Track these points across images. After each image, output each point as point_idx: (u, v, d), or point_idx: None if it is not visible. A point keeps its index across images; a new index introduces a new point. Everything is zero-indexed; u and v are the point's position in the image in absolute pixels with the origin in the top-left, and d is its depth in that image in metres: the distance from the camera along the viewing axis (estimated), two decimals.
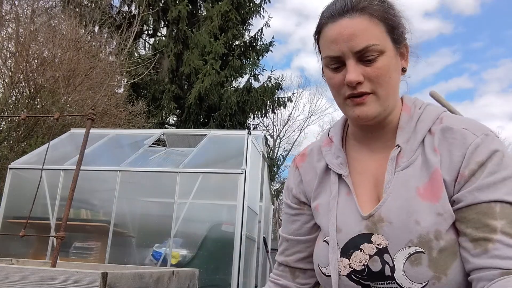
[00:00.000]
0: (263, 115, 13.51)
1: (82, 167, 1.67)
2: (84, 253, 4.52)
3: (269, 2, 13.71)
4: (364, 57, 0.83)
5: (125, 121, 9.07)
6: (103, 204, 4.83)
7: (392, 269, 0.82)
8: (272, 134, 21.66)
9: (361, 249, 0.86)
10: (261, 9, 13.47)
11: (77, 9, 9.81)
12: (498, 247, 0.74)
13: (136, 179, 4.80)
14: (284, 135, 22.49)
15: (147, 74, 10.25)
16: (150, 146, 5.44)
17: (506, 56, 42.80)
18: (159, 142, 5.75)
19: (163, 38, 12.89)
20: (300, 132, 22.95)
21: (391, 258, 0.82)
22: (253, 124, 13.77)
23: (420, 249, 0.79)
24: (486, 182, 0.78)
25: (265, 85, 12.89)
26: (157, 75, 11.86)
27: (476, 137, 0.81)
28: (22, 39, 7.42)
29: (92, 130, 1.81)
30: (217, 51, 11.74)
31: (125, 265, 1.74)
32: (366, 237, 0.86)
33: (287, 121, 22.49)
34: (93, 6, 10.54)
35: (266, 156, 6.39)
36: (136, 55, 12.20)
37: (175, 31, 12.35)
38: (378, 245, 0.85)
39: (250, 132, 5.16)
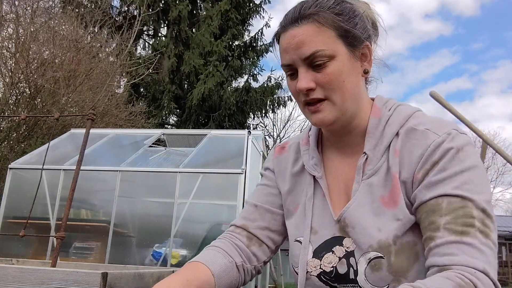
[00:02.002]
0: (263, 115, 13.53)
1: (82, 167, 1.67)
2: (84, 253, 4.52)
3: (269, 2, 13.73)
4: (313, 63, 0.83)
5: (125, 121, 9.07)
6: (103, 204, 4.84)
7: (355, 273, 0.83)
8: (272, 134, 21.67)
9: (333, 251, 0.87)
10: (261, 10, 13.48)
11: (77, 10, 9.81)
12: (439, 244, 0.73)
13: (136, 179, 4.80)
14: (284, 135, 22.50)
15: (147, 75, 10.25)
16: (150, 146, 5.44)
17: (505, 57, 42.86)
18: (159, 142, 5.76)
19: (163, 38, 12.89)
20: (300, 132, 22.95)
21: (356, 261, 0.83)
22: (253, 124, 13.79)
23: (380, 254, 0.80)
24: (435, 179, 0.77)
25: (265, 85, 12.91)
26: (157, 75, 11.87)
27: (438, 137, 0.79)
28: (22, 39, 7.42)
29: (92, 130, 1.81)
30: (221, 52, 11.76)
31: (125, 265, 1.74)
32: (338, 240, 0.88)
33: (287, 121, 22.51)
34: (93, 7, 10.54)
35: (266, 156, 6.38)
36: (137, 55, 12.21)
37: (175, 31, 12.36)
38: (347, 248, 0.86)
39: (250, 132, 5.16)
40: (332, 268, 0.87)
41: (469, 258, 0.70)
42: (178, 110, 12.64)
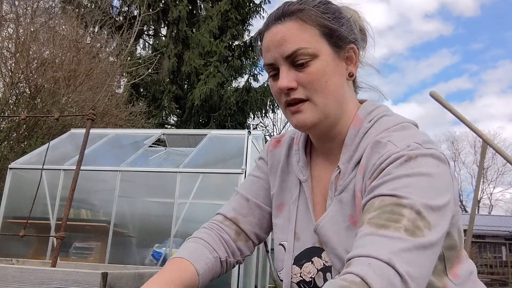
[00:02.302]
0: (263, 115, 13.53)
1: (82, 167, 1.67)
2: (84, 253, 4.52)
3: (269, 2, 13.72)
4: (295, 61, 0.80)
5: (125, 121, 9.07)
6: (103, 204, 4.84)
7: None
8: (272, 134, 21.65)
9: (312, 262, 0.85)
10: (261, 10, 13.49)
11: (77, 10, 9.82)
12: (357, 238, 0.67)
13: (136, 179, 4.80)
14: None
15: (147, 75, 10.26)
16: (150, 146, 5.44)
17: (505, 57, 42.91)
18: (159, 142, 5.76)
19: (163, 38, 12.91)
20: None
21: (332, 278, 0.81)
22: (253, 124, 13.79)
23: None
24: (376, 183, 0.71)
25: (265, 84, 12.91)
26: (157, 75, 11.88)
27: (395, 148, 0.74)
28: (22, 39, 7.42)
29: (92, 130, 1.81)
30: (221, 52, 11.76)
31: (125, 265, 1.74)
32: (318, 251, 0.85)
33: (287, 121, 22.50)
34: (93, 7, 10.54)
35: None
36: (137, 55, 12.22)
37: (175, 31, 12.37)
38: (325, 262, 0.84)
39: (250, 132, 5.16)
40: (311, 279, 0.85)
41: (372, 248, 0.62)
42: (178, 110, 12.65)
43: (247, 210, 0.98)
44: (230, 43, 12.67)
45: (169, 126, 12.85)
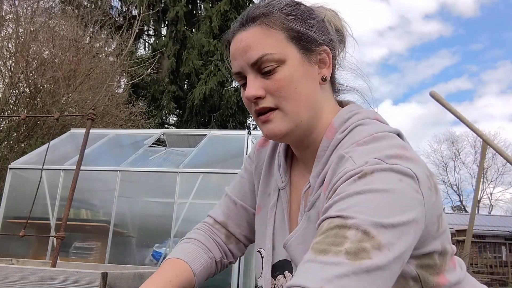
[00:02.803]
0: None
1: (82, 167, 1.67)
2: (84, 253, 4.52)
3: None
4: (262, 69, 0.76)
5: (125, 121, 9.08)
6: (103, 204, 4.84)
7: None
8: None
9: (284, 275, 0.83)
10: None
11: (77, 10, 9.82)
12: (299, 264, 0.61)
13: (136, 179, 4.80)
14: None
15: (147, 75, 10.27)
16: (150, 146, 5.44)
17: (505, 57, 42.95)
18: (159, 142, 5.76)
19: (163, 38, 12.93)
20: None
21: None
22: (253, 124, 13.78)
23: None
24: (328, 204, 0.65)
25: None
26: (157, 75, 11.89)
27: (353, 165, 0.67)
28: (22, 39, 7.42)
29: (92, 130, 1.81)
30: (222, 52, 11.77)
31: (125, 265, 1.74)
32: (289, 266, 0.82)
33: None
34: (93, 7, 10.55)
35: None
36: (137, 55, 12.23)
37: (173, 31, 12.39)
38: None
39: (250, 132, 5.16)
40: None
41: (306, 277, 0.56)
42: (178, 110, 12.65)
43: (235, 213, 0.98)
44: None
45: (169, 126, 12.85)
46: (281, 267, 0.83)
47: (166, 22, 12.92)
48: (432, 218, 0.69)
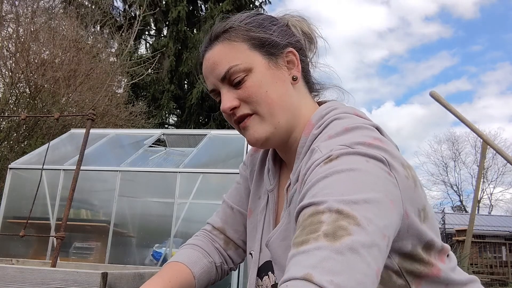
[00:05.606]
0: None
1: (82, 167, 1.67)
2: (84, 253, 4.52)
3: (270, 3, 13.74)
4: (232, 81, 0.79)
5: (125, 121, 9.08)
6: (103, 204, 4.83)
7: None
8: None
9: (268, 276, 0.84)
10: (262, 10, 13.50)
11: (77, 10, 9.82)
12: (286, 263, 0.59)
13: (136, 179, 4.80)
14: None
15: (147, 75, 10.27)
16: (150, 146, 5.44)
17: (504, 59, 42.97)
18: (159, 142, 5.76)
19: (163, 38, 12.93)
20: None
21: None
22: None
23: None
24: (301, 195, 0.65)
25: None
26: (157, 75, 11.89)
27: (320, 155, 0.67)
28: (22, 39, 7.42)
29: (92, 130, 1.81)
30: None
31: (125, 265, 1.74)
32: (271, 266, 0.83)
33: None
34: (93, 7, 10.55)
35: None
36: (137, 55, 12.23)
37: (174, 31, 12.39)
38: (276, 279, 0.82)
39: None
40: None
41: (292, 269, 0.54)
42: (178, 110, 12.65)
43: (233, 219, 0.99)
44: None
45: (169, 126, 12.85)
46: (266, 268, 0.85)
47: (167, 22, 12.92)
48: (413, 208, 0.68)
